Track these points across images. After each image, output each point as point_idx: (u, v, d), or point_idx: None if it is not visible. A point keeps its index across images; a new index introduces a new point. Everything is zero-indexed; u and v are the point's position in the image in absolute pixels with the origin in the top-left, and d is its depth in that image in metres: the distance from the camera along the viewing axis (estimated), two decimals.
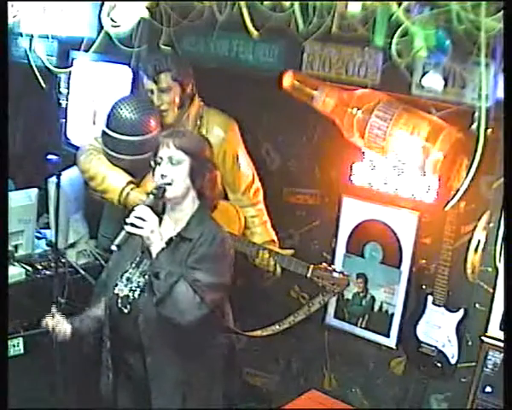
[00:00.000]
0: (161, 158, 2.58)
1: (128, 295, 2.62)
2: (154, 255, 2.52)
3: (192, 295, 2.49)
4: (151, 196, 2.57)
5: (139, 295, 2.60)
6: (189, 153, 2.58)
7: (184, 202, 2.63)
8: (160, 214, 2.62)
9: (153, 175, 2.64)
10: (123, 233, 2.53)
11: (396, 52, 2.57)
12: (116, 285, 2.67)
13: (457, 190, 2.71)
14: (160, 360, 2.60)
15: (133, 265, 2.68)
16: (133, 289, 2.63)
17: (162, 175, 2.57)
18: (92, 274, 3.50)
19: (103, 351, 2.71)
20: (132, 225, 2.51)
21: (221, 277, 2.60)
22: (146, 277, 2.60)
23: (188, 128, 3.13)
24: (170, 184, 2.56)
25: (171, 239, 2.60)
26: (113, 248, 2.53)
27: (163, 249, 2.52)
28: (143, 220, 2.50)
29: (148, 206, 2.54)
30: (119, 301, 2.63)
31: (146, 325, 2.57)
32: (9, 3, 3.32)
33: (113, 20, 3.25)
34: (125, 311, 2.62)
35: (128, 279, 2.66)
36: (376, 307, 3.51)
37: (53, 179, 3.55)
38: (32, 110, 4.61)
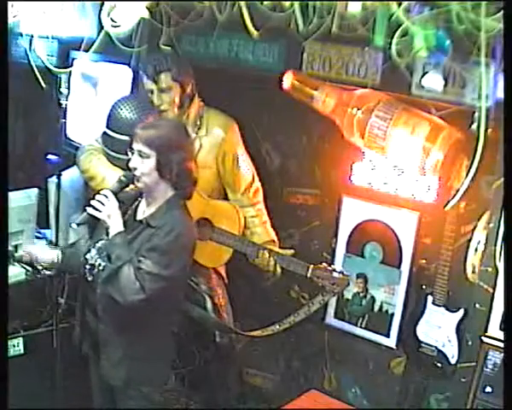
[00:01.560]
0: (133, 150, 2.73)
1: (94, 265, 2.80)
2: (110, 236, 2.72)
3: (133, 280, 2.64)
4: (116, 183, 2.78)
5: (103, 268, 2.75)
6: (155, 148, 2.68)
7: (155, 191, 2.76)
8: (131, 200, 2.84)
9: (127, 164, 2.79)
10: (84, 213, 2.76)
11: (396, 52, 2.57)
12: (89, 251, 2.85)
13: (457, 190, 2.71)
14: (109, 330, 2.80)
15: (105, 237, 2.81)
16: (99, 260, 2.78)
17: (132, 167, 2.72)
18: None
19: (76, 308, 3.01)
20: (93, 207, 2.72)
21: (166, 269, 2.68)
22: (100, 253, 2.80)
23: (163, 119, 3.13)
24: (137, 175, 2.71)
25: (140, 222, 2.78)
26: (73, 226, 2.80)
27: (119, 233, 2.71)
28: (103, 204, 2.71)
29: (112, 191, 2.75)
30: (87, 267, 2.83)
31: (101, 297, 2.77)
32: (9, 3, 3.32)
33: (113, 20, 3.25)
34: (89, 279, 2.82)
35: (99, 250, 2.81)
36: (376, 307, 3.51)
37: (53, 179, 3.56)
38: (32, 110, 4.61)
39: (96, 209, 2.72)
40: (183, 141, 2.80)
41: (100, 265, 2.77)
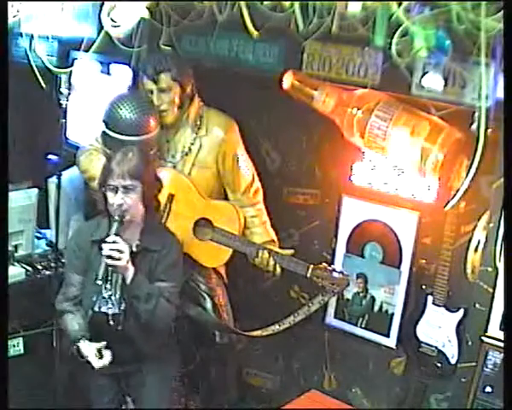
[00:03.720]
0: (116, 187, 2.75)
1: (119, 313, 2.85)
2: (128, 281, 2.76)
3: (169, 307, 2.83)
4: (115, 224, 2.75)
5: (124, 310, 2.85)
6: (140, 178, 2.77)
7: (136, 218, 2.84)
8: None
9: (105, 201, 2.80)
10: (103, 266, 2.73)
11: (396, 52, 2.56)
12: (95, 303, 2.85)
13: (457, 190, 2.71)
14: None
15: (107, 283, 2.84)
16: (117, 306, 2.85)
17: (120, 204, 2.74)
18: None
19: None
20: (110, 257, 2.70)
21: (180, 281, 2.95)
22: (120, 290, 2.84)
23: (130, 149, 3.00)
24: (127, 210, 2.76)
25: (136, 254, 2.81)
26: (99, 283, 2.74)
27: (135, 273, 2.75)
28: (120, 252, 2.71)
29: (116, 234, 2.73)
30: (110, 318, 2.85)
31: (134, 330, 2.87)
32: (9, 3, 3.32)
33: (113, 20, 3.24)
34: (119, 328, 2.86)
35: (109, 298, 2.85)
36: (376, 307, 3.51)
37: (53, 179, 3.56)
38: (32, 110, 4.61)
39: (115, 258, 2.71)
40: (152, 164, 2.96)
41: (122, 310, 2.85)
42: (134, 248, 2.83)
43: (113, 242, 2.71)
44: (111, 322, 2.84)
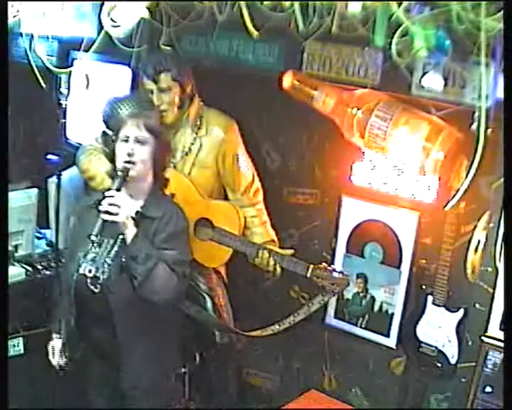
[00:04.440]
0: (128, 136, 2.66)
1: (97, 276, 2.67)
2: (129, 240, 2.59)
3: (170, 275, 2.61)
4: (118, 178, 2.64)
5: (109, 275, 2.66)
6: (156, 134, 2.68)
7: (143, 181, 2.72)
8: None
9: (113, 153, 2.71)
10: (99, 222, 2.57)
11: (396, 52, 2.57)
12: (80, 265, 2.71)
13: (457, 190, 2.71)
14: (131, 336, 2.71)
15: (95, 244, 2.67)
16: (101, 269, 2.68)
17: (129, 154, 2.63)
18: None
19: (68, 328, 2.81)
20: (107, 212, 2.56)
21: (187, 251, 2.77)
22: (112, 255, 2.67)
23: (151, 108, 3.04)
24: (134, 163, 2.64)
25: (133, 218, 2.65)
26: (93, 238, 2.57)
27: (137, 233, 2.59)
28: (118, 206, 2.56)
29: (116, 189, 2.61)
30: (89, 281, 2.68)
31: (118, 304, 2.66)
32: (9, 3, 3.32)
33: (113, 20, 3.25)
34: (96, 290, 2.67)
35: (93, 259, 2.69)
36: (376, 307, 3.51)
37: (53, 179, 3.56)
38: (32, 110, 4.61)
39: (112, 213, 2.56)
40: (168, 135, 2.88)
41: (104, 273, 2.67)
42: (133, 214, 2.67)
43: (112, 196, 2.58)
44: (89, 284, 2.67)
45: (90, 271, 2.69)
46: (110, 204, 2.57)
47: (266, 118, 3.77)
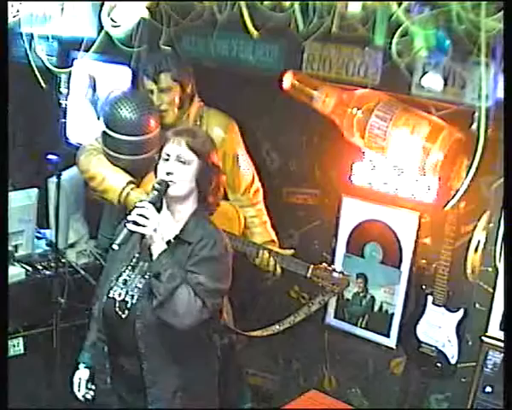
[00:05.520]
0: (169, 155, 2.49)
1: (126, 300, 2.51)
2: (155, 256, 2.42)
3: (193, 300, 2.40)
4: (154, 192, 2.47)
5: (138, 299, 2.50)
6: (200, 154, 2.49)
7: (185, 202, 2.53)
8: (159, 212, 2.50)
9: (155, 171, 2.55)
10: (124, 231, 2.40)
11: (396, 52, 2.57)
12: (111, 288, 2.56)
13: (457, 190, 2.71)
14: (157, 366, 2.51)
15: (129, 267, 2.57)
16: (131, 292, 2.52)
17: (168, 173, 2.47)
18: (92, 274, 3.50)
19: (98, 355, 2.64)
20: (134, 222, 2.38)
21: (222, 281, 2.53)
22: (144, 279, 2.51)
23: (198, 129, 2.97)
24: (174, 182, 2.47)
25: (169, 241, 2.50)
26: (115, 247, 2.41)
27: (165, 250, 2.42)
28: (146, 218, 2.38)
29: (150, 202, 2.43)
30: (117, 305, 2.52)
31: (144, 330, 2.48)
32: (9, 3, 3.32)
33: (113, 20, 3.25)
34: (123, 316, 2.51)
35: (125, 282, 2.55)
36: (376, 307, 3.51)
37: (53, 179, 3.55)
38: (31, 110, 4.61)
39: (140, 225, 2.38)
40: (217, 154, 2.62)
41: (134, 297, 2.50)
42: (171, 237, 2.52)
43: (142, 207, 2.40)
44: (117, 309, 2.50)
45: (119, 294, 2.53)
46: (138, 215, 2.39)
47: (266, 118, 3.77)
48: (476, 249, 2.99)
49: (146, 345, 2.48)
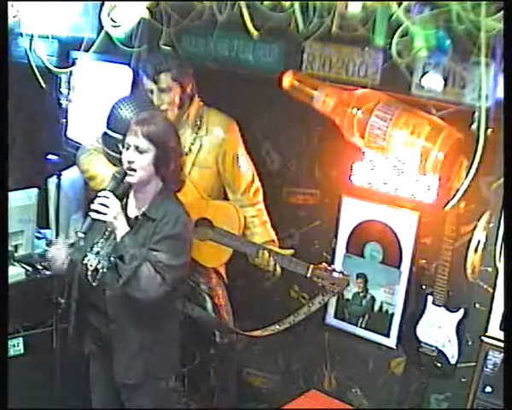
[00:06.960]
0: (129, 144, 2.71)
1: (97, 269, 2.79)
2: (118, 238, 2.69)
3: (154, 276, 2.67)
4: (112, 181, 2.75)
5: (107, 270, 2.76)
6: (155, 143, 2.69)
7: (148, 186, 2.76)
8: (123, 197, 2.80)
9: (120, 159, 2.78)
10: (88, 220, 2.71)
11: (396, 52, 2.57)
12: (86, 256, 2.83)
13: (457, 190, 2.71)
14: (124, 327, 2.78)
15: (102, 240, 2.82)
16: (102, 263, 2.78)
17: (129, 161, 2.70)
18: None
19: (70, 311, 2.94)
20: (96, 211, 2.68)
21: (181, 257, 2.77)
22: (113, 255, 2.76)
23: (158, 114, 3.02)
24: (134, 170, 2.69)
25: (136, 218, 2.77)
26: (80, 235, 2.72)
27: (127, 233, 2.68)
28: (106, 206, 2.67)
29: (110, 191, 2.72)
30: (89, 273, 2.80)
31: (112, 299, 2.75)
32: (9, 3, 3.32)
33: (113, 20, 3.25)
34: (94, 284, 2.79)
35: (98, 253, 2.81)
36: (376, 307, 3.51)
37: (53, 179, 3.56)
38: (32, 110, 4.61)
39: (101, 213, 2.69)
40: (177, 138, 2.84)
41: (103, 267, 2.78)
42: (138, 214, 2.78)
43: (103, 196, 2.70)
44: (89, 277, 2.80)
45: (91, 264, 2.81)
46: (99, 204, 2.69)
47: (266, 118, 3.77)
48: (476, 249, 2.99)
49: (114, 311, 2.77)
